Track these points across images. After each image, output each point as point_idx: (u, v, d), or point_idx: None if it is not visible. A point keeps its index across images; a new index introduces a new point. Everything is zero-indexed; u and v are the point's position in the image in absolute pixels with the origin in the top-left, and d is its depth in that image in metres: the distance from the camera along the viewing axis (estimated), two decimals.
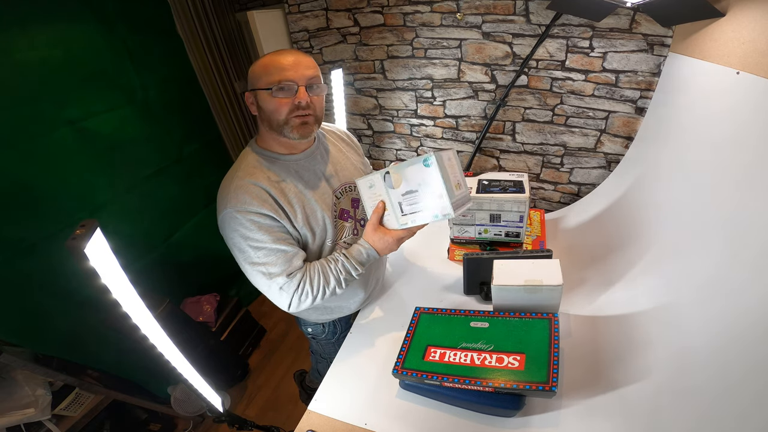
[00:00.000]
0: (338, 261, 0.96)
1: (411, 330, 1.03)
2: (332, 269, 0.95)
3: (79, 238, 0.62)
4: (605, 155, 1.65)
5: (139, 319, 0.86)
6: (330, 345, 1.27)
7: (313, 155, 1.02)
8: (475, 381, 0.82)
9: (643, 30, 1.35)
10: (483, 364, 0.86)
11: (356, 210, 1.10)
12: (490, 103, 1.74)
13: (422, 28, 1.69)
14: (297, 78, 0.87)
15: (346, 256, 0.96)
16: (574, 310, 1.11)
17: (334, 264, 0.96)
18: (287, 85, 0.87)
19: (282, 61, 0.87)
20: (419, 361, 0.92)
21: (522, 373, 0.82)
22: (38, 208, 1.38)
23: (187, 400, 1.73)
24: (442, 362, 0.90)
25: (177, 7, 1.81)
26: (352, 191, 1.09)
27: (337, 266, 0.96)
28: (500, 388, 0.80)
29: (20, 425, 1.29)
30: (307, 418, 0.96)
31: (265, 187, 0.90)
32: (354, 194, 1.09)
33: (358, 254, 0.96)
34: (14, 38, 1.28)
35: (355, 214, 1.10)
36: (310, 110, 0.90)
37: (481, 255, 1.16)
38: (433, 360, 0.91)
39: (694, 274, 0.96)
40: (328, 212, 1.00)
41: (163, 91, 1.83)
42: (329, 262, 0.97)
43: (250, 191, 0.89)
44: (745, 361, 0.74)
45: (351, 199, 1.08)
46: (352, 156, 1.15)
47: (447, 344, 0.94)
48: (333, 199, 1.02)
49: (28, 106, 1.33)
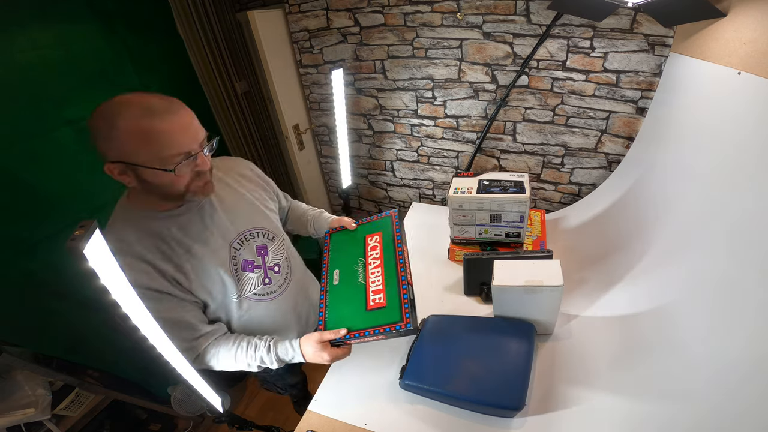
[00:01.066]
0: (258, 349, 0.88)
1: (326, 253, 1.09)
2: (247, 354, 0.88)
3: (78, 238, 0.62)
4: (606, 155, 1.65)
5: (139, 319, 0.86)
6: (270, 375, 1.23)
7: (201, 205, 0.86)
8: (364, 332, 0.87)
9: (644, 30, 1.35)
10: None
11: (264, 257, 0.96)
12: (491, 103, 1.74)
13: (423, 28, 1.68)
14: (193, 145, 0.73)
15: (269, 349, 0.88)
16: (574, 311, 1.11)
17: (253, 350, 0.88)
18: (188, 158, 0.73)
19: (166, 128, 0.70)
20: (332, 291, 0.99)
21: (385, 310, 0.88)
22: (38, 208, 1.38)
23: (187, 400, 1.72)
24: None
25: (177, 7, 1.81)
26: (255, 238, 0.95)
27: (254, 353, 0.88)
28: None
29: (20, 425, 1.29)
30: (307, 418, 0.96)
31: (145, 257, 0.77)
32: (258, 241, 0.95)
33: (283, 353, 0.89)
34: (14, 38, 1.28)
35: (264, 263, 0.96)
36: (209, 168, 0.80)
37: (482, 255, 1.16)
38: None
39: (695, 275, 0.96)
40: (224, 268, 0.87)
41: (164, 91, 1.81)
42: (247, 346, 0.88)
43: (132, 269, 0.75)
44: (745, 361, 0.73)
45: (255, 246, 0.94)
46: (256, 194, 1.00)
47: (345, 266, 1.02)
48: (231, 253, 0.89)
49: (28, 106, 1.33)
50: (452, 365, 0.95)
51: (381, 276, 0.94)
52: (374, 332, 0.85)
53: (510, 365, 0.90)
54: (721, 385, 0.75)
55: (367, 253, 1.01)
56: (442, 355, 0.98)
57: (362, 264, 0.99)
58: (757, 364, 0.71)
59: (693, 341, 0.86)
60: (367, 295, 0.92)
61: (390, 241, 1.00)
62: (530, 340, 0.95)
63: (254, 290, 0.94)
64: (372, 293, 0.92)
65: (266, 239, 0.97)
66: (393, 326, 0.84)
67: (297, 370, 1.35)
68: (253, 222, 0.95)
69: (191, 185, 0.78)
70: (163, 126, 0.69)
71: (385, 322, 0.85)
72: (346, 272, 1.01)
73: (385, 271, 0.95)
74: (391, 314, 0.86)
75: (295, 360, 0.89)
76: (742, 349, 0.75)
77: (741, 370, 0.73)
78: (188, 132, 0.73)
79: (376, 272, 0.96)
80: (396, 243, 0.99)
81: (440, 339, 1.03)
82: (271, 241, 0.99)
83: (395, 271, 0.93)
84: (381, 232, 1.04)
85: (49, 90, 1.38)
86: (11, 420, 1.26)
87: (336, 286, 0.99)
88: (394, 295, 0.89)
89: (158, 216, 0.81)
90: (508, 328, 1.00)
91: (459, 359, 0.96)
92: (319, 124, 2.23)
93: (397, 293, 0.89)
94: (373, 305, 0.90)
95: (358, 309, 0.91)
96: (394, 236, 1.01)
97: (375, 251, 1.00)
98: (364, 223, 1.10)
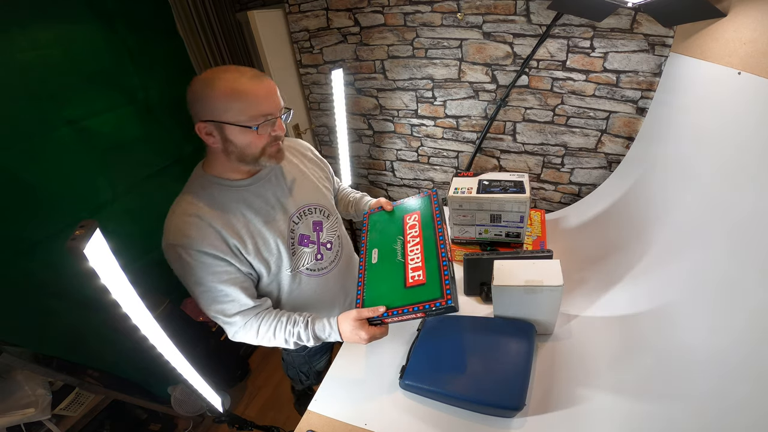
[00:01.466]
0: (296, 324, 0.90)
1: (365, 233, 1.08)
2: (285, 330, 0.90)
3: (78, 238, 0.62)
4: (606, 155, 1.65)
5: (139, 319, 0.86)
6: (300, 357, 1.25)
7: (267, 178, 0.94)
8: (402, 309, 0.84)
9: (644, 30, 1.35)
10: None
11: (319, 233, 1.02)
12: (491, 103, 1.74)
13: (423, 28, 1.68)
14: (275, 109, 0.82)
15: (306, 325, 0.90)
16: (574, 311, 1.11)
17: (291, 326, 0.90)
18: (269, 118, 0.81)
19: (255, 91, 0.78)
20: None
21: (425, 287, 0.85)
22: (38, 208, 1.37)
23: (187, 400, 1.72)
24: None
25: (177, 7, 1.81)
26: (313, 213, 1.01)
27: (292, 329, 0.90)
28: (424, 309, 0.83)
29: (20, 425, 1.30)
30: (307, 418, 0.96)
31: (210, 221, 0.84)
32: (315, 217, 1.01)
33: (320, 330, 0.90)
34: (14, 38, 1.28)
35: (318, 238, 1.01)
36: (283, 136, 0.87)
37: (482, 255, 1.16)
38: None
39: (695, 275, 0.96)
40: (283, 240, 0.92)
41: (164, 91, 1.83)
42: (287, 322, 0.90)
43: (192, 226, 0.83)
44: (746, 362, 0.73)
45: (312, 222, 1.00)
46: (315, 173, 1.08)
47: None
48: (289, 225, 0.95)
49: (28, 106, 1.32)
50: (452, 365, 0.95)
51: (420, 253, 0.92)
52: (413, 309, 0.82)
53: (510, 365, 0.90)
54: (720, 385, 0.75)
55: (406, 232, 0.99)
56: (442, 355, 0.98)
57: (401, 242, 0.98)
58: (757, 364, 0.71)
59: (693, 341, 0.86)
60: (406, 273, 0.90)
61: (429, 219, 0.99)
62: (530, 340, 0.95)
63: (307, 265, 0.99)
64: (411, 270, 0.89)
65: (322, 216, 1.03)
66: (433, 303, 0.81)
67: (327, 356, 1.34)
68: (312, 198, 1.01)
69: (267, 149, 0.84)
70: (252, 88, 0.78)
71: (425, 299, 0.82)
72: (384, 251, 0.99)
73: (424, 248, 0.92)
74: (431, 291, 0.83)
75: (331, 338, 0.90)
76: (742, 349, 0.75)
77: (741, 370, 0.73)
78: (272, 98, 0.81)
79: (415, 249, 0.94)
80: (435, 221, 0.97)
81: (440, 339, 1.03)
82: (326, 218, 1.04)
83: (435, 248, 0.90)
84: (419, 211, 1.03)
85: (49, 90, 1.38)
86: (11, 420, 1.26)
87: (374, 265, 0.97)
88: (434, 271, 0.86)
89: (229, 185, 0.89)
90: (508, 328, 1.00)
91: (459, 359, 0.96)
92: (319, 124, 2.23)
93: (437, 269, 0.86)
94: (412, 282, 0.87)
95: (396, 286, 0.89)
96: (434, 214, 0.99)
97: (414, 230, 0.99)
98: (401, 204, 1.10)
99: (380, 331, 0.87)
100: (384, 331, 0.88)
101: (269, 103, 0.81)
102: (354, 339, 0.87)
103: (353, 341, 0.88)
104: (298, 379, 1.36)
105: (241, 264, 0.88)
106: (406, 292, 0.86)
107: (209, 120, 0.79)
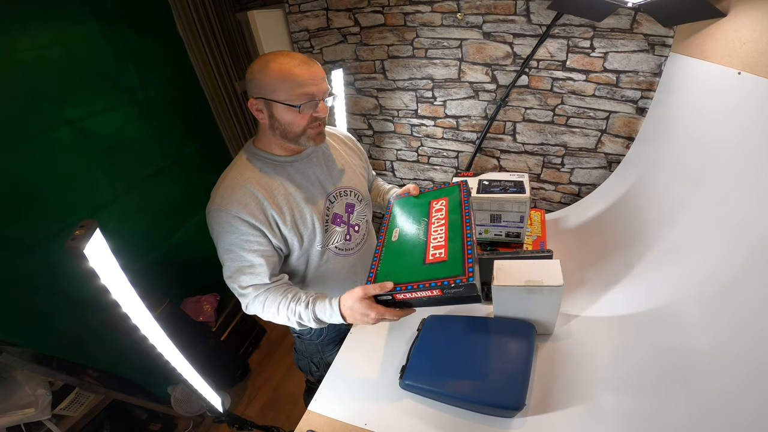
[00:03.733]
0: (299, 303, 0.89)
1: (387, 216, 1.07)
2: (288, 307, 0.90)
3: (78, 238, 0.62)
4: (606, 155, 1.65)
5: (139, 319, 0.86)
6: (313, 345, 1.26)
7: (310, 158, 1.01)
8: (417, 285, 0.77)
9: (644, 30, 1.35)
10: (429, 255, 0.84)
11: (350, 215, 1.07)
12: (491, 103, 1.74)
13: (423, 28, 1.68)
14: (318, 93, 0.87)
15: (307, 305, 0.88)
16: (574, 311, 1.11)
17: (294, 304, 0.89)
18: (312, 99, 0.87)
19: (302, 74, 0.84)
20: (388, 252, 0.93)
21: (445, 264, 0.78)
22: (38, 208, 1.38)
23: (187, 400, 1.73)
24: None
25: (177, 7, 1.81)
26: (348, 196, 1.07)
27: (295, 307, 0.89)
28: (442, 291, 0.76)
29: (20, 425, 1.29)
30: (307, 418, 0.96)
31: (254, 190, 0.90)
32: (349, 199, 1.07)
33: (321, 311, 0.87)
34: (14, 38, 1.28)
35: (349, 219, 1.07)
36: (325, 119, 0.92)
37: (482, 255, 1.16)
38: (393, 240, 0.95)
39: (695, 275, 0.96)
40: (319, 216, 0.98)
41: (164, 91, 1.83)
42: (289, 300, 0.90)
43: (237, 192, 0.89)
44: (746, 362, 0.73)
45: (345, 204, 1.06)
46: (353, 160, 1.14)
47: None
48: (326, 203, 1.01)
49: (28, 106, 1.33)
50: (452, 365, 0.95)
51: (444, 233, 0.86)
52: (430, 285, 0.74)
53: (510, 365, 0.90)
54: (720, 385, 0.75)
55: (431, 215, 0.96)
56: (442, 355, 0.98)
57: (425, 224, 0.94)
58: (757, 364, 0.71)
59: (693, 341, 0.86)
60: (427, 250, 0.84)
61: (457, 204, 0.96)
62: (530, 340, 0.95)
63: (336, 243, 1.04)
64: (432, 248, 0.84)
65: (356, 199, 1.09)
66: (453, 279, 0.73)
67: (339, 347, 1.33)
68: (349, 181, 1.08)
69: (308, 129, 0.90)
70: (301, 71, 0.85)
71: (444, 275, 0.75)
72: (406, 230, 0.96)
73: (449, 230, 0.87)
74: (452, 268, 0.76)
75: (333, 320, 0.86)
76: (742, 349, 0.75)
77: (740, 370, 0.73)
78: (317, 82, 0.87)
79: (439, 230, 0.89)
80: (463, 206, 0.94)
81: (440, 339, 1.03)
82: (359, 202, 1.10)
83: (461, 230, 0.85)
84: (448, 197, 1.00)
85: (49, 90, 1.38)
86: (11, 420, 1.26)
87: (394, 243, 0.94)
88: (457, 251, 0.79)
89: (274, 159, 0.95)
90: (508, 328, 1.00)
91: (459, 359, 0.96)
92: None
93: (461, 249, 0.79)
94: (432, 259, 0.81)
95: (415, 262, 0.82)
96: (462, 201, 0.96)
97: (440, 213, 0.95)
98: (429, 191, 1.08)
99: (390, 312, 0.81)
100: (395, 312, 0.82)
101: (313, 86, 0.86)
102: (359, 319, 0.83)
103: (358, 322, 0.84)
104: (308, 370, 1.36)
105: (274, 237, 0.93)
106: (424, 269, 0.79)
107: (260, 97, 0.87)
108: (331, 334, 1.21)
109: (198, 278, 2.17)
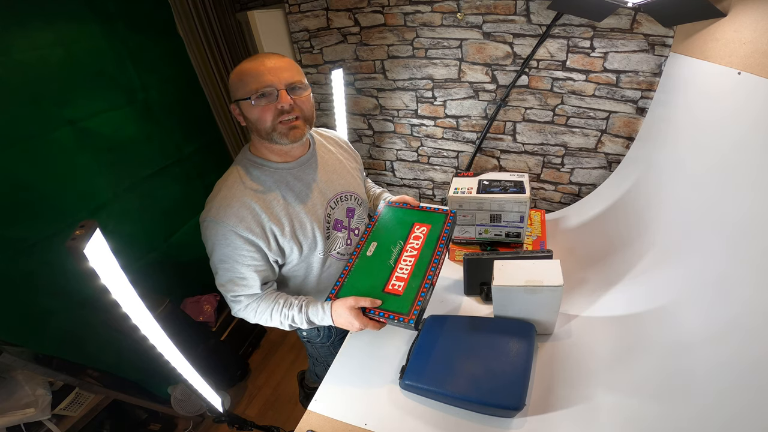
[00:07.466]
0: (291, 308, 0.94)
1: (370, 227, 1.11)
2: (281, 312, 0.94)
3: (78, 238, 0.62)
4: (606, 155, 1.65)
5: (139, 319, 0.86)
6: (325, 348, 1.26)
7: (308, 163, 0.99)
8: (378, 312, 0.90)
9: (644, 30, 1.35)
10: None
11: (351, 219, 1.07)
12: (491, 103, 1.74)
13: (423, 28, 1.68)
14: (275, 82, 0.84)
15: (300, 309, 0.94)
16: (574, 311, 1.11)
17: (287, 309, 0.94)
18: (267, 90, 0.84)
19: (258, 67, 0.84)
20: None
21: (398, 299, 0.91)
22: (38, 208, 1.37)
23: (187, 400, 1.73)
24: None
25: (177, 7, 1.81)
26: (348, 200, 1.06)
27: (287, 312, 0.94)
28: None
29: (20, 425, 1.29)
30: (307, 418, 0.96)
31: (251, 202, 0.89)
32: (350, 203, 1.07)
33: (314, 314, 0.93)
34: (14, 38, 1.28)
35: (350, 224, 1.07)
36: (296, 112, 0.87)
37: (482, 255, 1.16)
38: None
39: (695, 275, 0.96)
40: (319, 225, 0.98)
41: (164, 91, 1.83)
42: (281, 305, 0.94)
43: (233, 205, 0.88)
44: (745, 362, 0.73)
45: (346, 208, 1.06)
46: (350, 163, 1.13)
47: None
48: (326, 210, 1.00)
49: (28, 106, 1.33)
50: (452, 365, 0.95)
51: (411, 266, 0.96)
52: (378, 314, 0.89)
53: (510, 365, 0.90)
54: (720, 385, 0.75)
55: (408, 240, 1.03)
56: (442, 355, 0.98)
57: (400, 247, 1.01)
58: (756, 365, 0.71)
59: (692, 341, 0.86)
60: (390, 278, 0.95)
61: (435, 238, 1.02)
62: (530, 340, 0.95)
63: (338, 249, 1.04)
64: (395, 278, 0.94)
65: (356, 203, 1.09)
66: (397, 316, 0.87)
67: None
68: (349, 185, 1.07)
69: (277, 126, 0.87)
70: (254, 65, 0.84)
71: (393, 310, 0.89)
72: (381, 249, 1.03)
73: (416, 264, 0.96)
74: (401, 305, 0.89)
75: (324, 323, 0.93)
76: (741, 350, 0.75)
77: (740, 370, 0.73)
78: (273, 71, 0.84)
79: (408, 260, 0.98)
80: (439, 242, 1.00)
81: (440, 339, 1.03)
82: (358, 206, 1.10)
83: (425, 269, 0.95)
84: (431, 226, 1.05)
85: (49, 90, 1.38)
86: (11, 420, 1.26)
87: (368, 257, 1.01)
88: (413, 289, 0.91)
89: (271, 166, 0.94)
90: (508, 328, 1.00)
91: (459, 359, 0.96)
92: (319, 125, 2.22)
93: (417, 290, 0.91)
94: (390, 289, 0.93)
95: (375, 286, 0.94)
96: (441, 235, 1.02)
97: (417, 241, 1.02)
98: (419, 210, 1.11)
99: (373, 324, 0.91)
100: (377, 325, 0.92)
101: (269, 76, 0.84)
102: (345, 325, 0.92)
103: (344, 327, 0.93)
104: (315, 375, 1.37)
105: (270, 251, 0.92)
106: (382, 296, 0.92)
107: (234, 101, 0.88)
108: (341, 334, 1.21)
109: (198, 278, 2.16)
